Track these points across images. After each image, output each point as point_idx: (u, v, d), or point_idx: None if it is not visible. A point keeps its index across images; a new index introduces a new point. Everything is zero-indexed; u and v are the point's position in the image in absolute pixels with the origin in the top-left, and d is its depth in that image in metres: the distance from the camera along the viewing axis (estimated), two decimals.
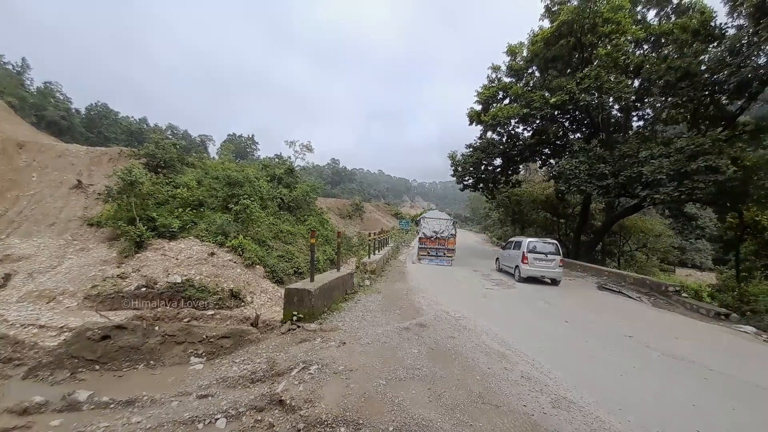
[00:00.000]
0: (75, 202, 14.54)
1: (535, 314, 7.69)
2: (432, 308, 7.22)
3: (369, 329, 5.46)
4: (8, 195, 14.22)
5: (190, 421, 3.03)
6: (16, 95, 33.69)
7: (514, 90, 19.82)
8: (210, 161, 21.67)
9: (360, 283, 9.28)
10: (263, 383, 3.66)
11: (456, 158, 23.62)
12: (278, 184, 21.50)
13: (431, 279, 11.41)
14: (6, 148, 16.49)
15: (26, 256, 11.33)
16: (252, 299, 11.05)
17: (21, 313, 8.69)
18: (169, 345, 4.09)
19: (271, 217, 18.08)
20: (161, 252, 11.85)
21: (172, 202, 14.49)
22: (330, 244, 20.25)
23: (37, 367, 4.15)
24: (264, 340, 5.06)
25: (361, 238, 29.95)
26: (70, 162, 16.84)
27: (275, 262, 14.29)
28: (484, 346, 5.07)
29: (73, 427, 3.02)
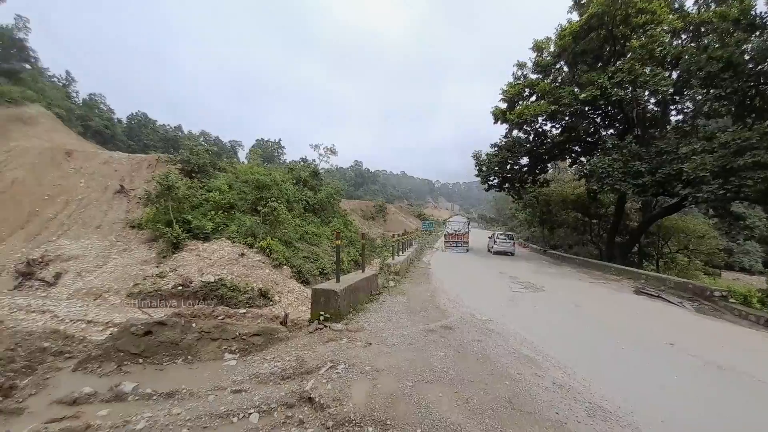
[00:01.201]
0: (118, 205, 15.57)
1: (567, 318, 7.41)
2: (457, 310, 7.14)
3: (394, 330, 5.48)
4: (58, 200, 15.45)
5: (225, 414, 3.16)
6: (64, 107, 36.58)
7: (542, 86, 19.22)
8: (240, 166, 22.54)
9: (384, 285, 9.32)
10: (293, 380, 3.76)
11: (480, 158, 23.21)
12: (303, 186, 22.01)
13: (456, 281, 11.27)
14: (55, 157, 17.93)
15: (75, 256, 12.25)
16: (280, 299, 11.38)
17: (71, 309, 9.40)
18: (205, 341, 4.29)
19: (297, 219, 18.53)
20: (196, 253, 12.45)
21: (205, 205, 15.20)
22: (354, 245, 20.46)
23: (86, 360, 4.47)
24: (293, 338, 5.20)
25: (385, 239, 30.03)
26: (113, 168, 18.05)
27: (301, 262, 14.63)
28: (512, 351, 4.95)
29: (119, 416, 3.21)
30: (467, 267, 15.58)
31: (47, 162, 17.46)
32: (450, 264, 16.51)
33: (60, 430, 2.86)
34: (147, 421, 3.08)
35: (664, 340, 6.23)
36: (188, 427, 2.97)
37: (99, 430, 2.94)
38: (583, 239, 25.36)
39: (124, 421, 3.06)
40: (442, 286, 10.10)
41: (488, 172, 22.77)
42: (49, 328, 7.23)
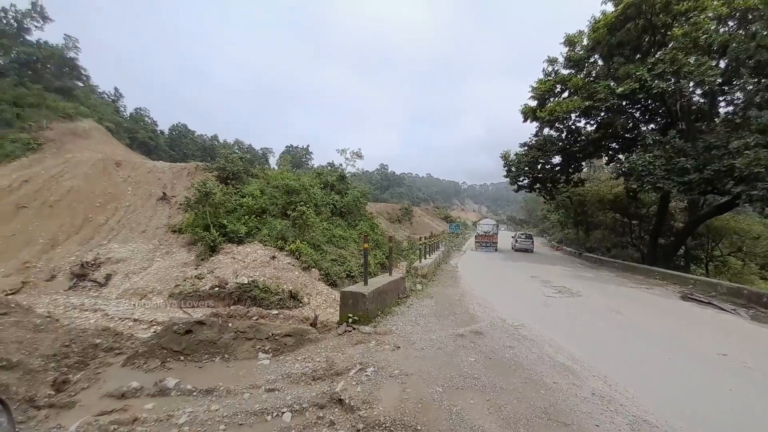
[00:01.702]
0: (161, 211, 16.62)
1: (607, 326, 7.01)
2: (487, 315, 6.96)
3: (423, 334, 5.44)
4: (109, 207, 16.73)
5: (260, 412, 3.26)
6: (113, 120, 39.67)
7: (574, 82, 18.44)
8: (271, 172, 23.36)
9: (412, 288, 9.28)
10: (323, 381, 3.82)
11: (509, 158, 22.59)
12: (331, 190, 22.41)
13: (485, 284, 11.01)
14: (106, 167, 19.45)
15: (123, 258, 13.20)
16: (309, 300, 11.62)
17: (119, 308, 10.12)
18: (241, 341, 4.47)
19: (324, 222, 18.89)
20: (231, 255, 13.02)
21: (239, 210, 15.88)
22: (380, 248, 20.53)
23: (133, 356, 4.79)
24: (322, 340, 5.30)
25: (411, 242, 29.87)
26: (157, 177, 19.32)
27: (329, 265, 14.88)
28: (547, 359, 4.75)
29: (163, 410, 3.38)
30: (497, 271, 15.18)
31: (99, 172, 19.00)
32: (478, 267, 16.16)
33: (109, 422, 3.03)
34: (188, 416, 3.22)
35: (715, 350, 5.73)
36: (226, 423, 3.09)
37: (145, 423, 3.11)
38: (622, 241, 23.91)
39: (168, 415, 3.23)
40: (471, 290, 9.90)
41: (518, 172, 22.11)
42: (100, 326, 7.82)
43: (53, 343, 5.43)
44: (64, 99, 35.34)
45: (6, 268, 12.56)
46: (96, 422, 3.04)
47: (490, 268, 16.07)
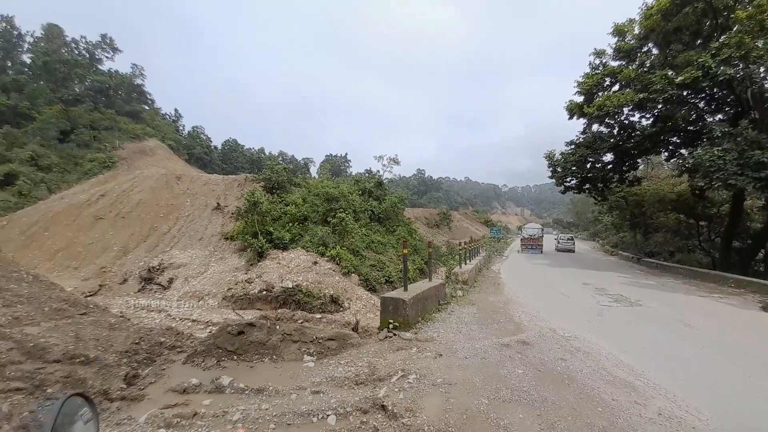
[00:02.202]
0: (215, 220, 17.96)
1: (673, 338, 6.33)
2: (535, 324, 6.61)
3: (465, 343, 5.29)
4: (170, 217, 18.39)
5: (306, 413, 3.36)
6: (174, 139, 43.80)
7: (626, 74, 17.11)
8: (312, 180, 24.30)
9: (452, 294, 9.09)
10: (366, 386, 3.86)
11: (554, 158, 21.41)
12: (369, 197, 22.74)
13: (531, 292, 10.47)
14: (169, 181, 21.43)
15: (183, 264, 14.41)
16: (349, 305, 11.83)
17: (180, 309, 11.03)
18: (288, 343, 4.67)
19: (363, 228, 19.18)
20: (276, 261, 13.69)
21: (283, 217, 16.68)
22: (419, 253, 20.38)
23: (193, 355, 5.18)
24: (364, 345, 5.36)
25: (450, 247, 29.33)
26: (211, 189, 20.93)
27: (368, 271, 15.06)
28: (605, 373, 4.39)
29: (219, 407, 3.60)
30: (543, 277, 14.37)
31: (162, 185, 21.01)
32: (523, 273, 15.43)
33: (173, 416, 3.28)
34: (241, 414, 3.40)
35: None
36: (275, 422, 3.22)
37: (203, 418, 3.33)
38: (688, 245, 21.50)
39: (223, 412, 3.44)
40: (516, 297, 9.47)
41: (564, 172, 20.85)
42: (164, 326, 8.58)
43: (125, 341, 6.05)
44: (133, 121, 39.72)
45: (86, 272, 14.27)
46: (161, 415, 3.30)
47: (537, 274, 15.25)
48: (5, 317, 5.72)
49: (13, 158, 26.72)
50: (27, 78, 36.48)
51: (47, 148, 29.43)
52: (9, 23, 39.73)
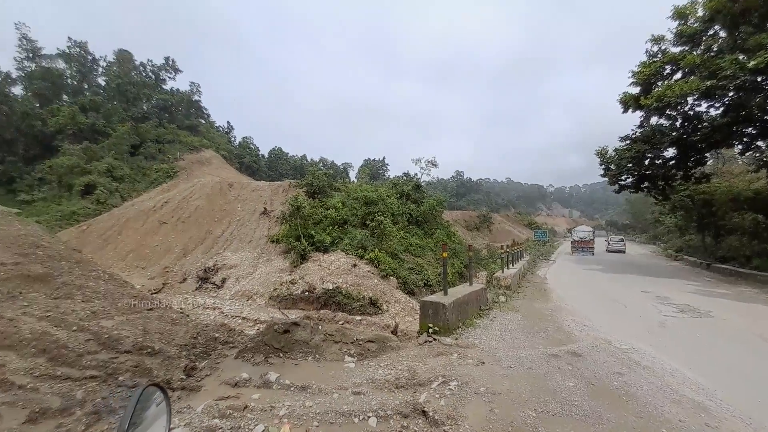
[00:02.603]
0: (263, 224, 19.02)
1: (749, 355, 5.57)
2: (587, 334, 6.16)
3: (510, 351, 5.08)
4: (224, 221, 19.79)
5: (348, 413, 3.42)
6: (226, 149, 47.22)
7: (689, 60, 15.46)
8: (351, 185, 24.84)
9: (494, 300, 8.77)
10: (406, 390, 3.85)
11: (606, 154, 19.91)
12: (407, 200, 22.74)
13: (582, 299, 9.78)
14: (222, 188, 23.09)
15: (234, 265, 15.41)
16: (387, 308, 11.88)
17: (231, 307, 11.78)
18: (329, 343, 4.81)
19: (401, 231, 19.20)
20: (318, 263, 14.16)
21: (324, 221, 17.23)
22: (458, 256, 19.94)
23: (243, 351, 5.51)
24: (403, 348, 5.35)
25: (491, 251, 28.39)
26: (259, 195, 22.22)
27: (406, 274, 15.03)
28: (669, 391, 3.98)
29: (267, 401, 3.80)
30: (596, 283, 13.36)
31: (217, 192, 22.71)
32: (573, 279, 14.47)
33: (226, 407, 3.50)
34: (287, 409, 3.56)
35: None
36: (318, 420, 3.32)
37: (253, 411, 3.52)
38: None
39: (270, 406, 3.61)
40: (565, 304, 8.91)
41: (618, 170, 19.29)
42: (218, 322, 9.23)
43: (185, 335, 6.59)
44: (191, 134, 43.42)
45: (152, 271, 15.79)
46: (216, 406, 3.55)
47: (588, 280, 14.20)
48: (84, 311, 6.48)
49: (92, 170, 30.48)
50: (103, 99, 41.48)
51: (120, 160, 33.20)
52: (83, 48, 45.32)
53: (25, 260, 7.04)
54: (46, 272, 6.95)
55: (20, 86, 40.02)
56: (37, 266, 7.05)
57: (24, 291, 6.30)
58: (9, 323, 5.08)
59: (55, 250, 8.24)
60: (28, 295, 6.25)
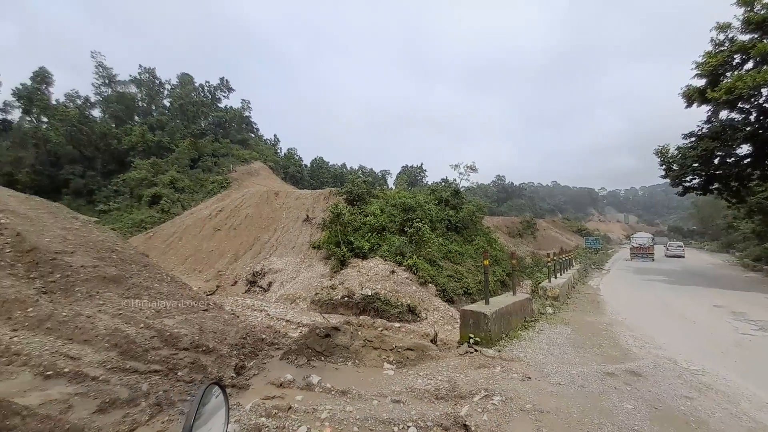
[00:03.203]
0: (305, 231, 19.80)
1: None
2: (648, 352, 5.61)
3: (558, 367, 4.77)
4: (270, 228, 20.89)
5: (387, 421, 3.42)
6: (273, 160, 50.09)
7: (760, 48, 13.75)
8: (389, 192, 25.04)
9: (540, 311, 8.31)
10: (446, 402, 3.77)
11: (667, 154, 18.20)
12: (445, 206, 22.43)
13: (642, 312, 8.93)
14: (269, 197, 24.44)
15: (279, 269, 16.17)
16: (426, 316, 11.72)
17: (276, 310, 12.34)
18: (369, 349, 4.86)
19: (440, 238, 18.94)
20: (357, 269, 14.40)
21: (363, 227, 17.52)
22: (500, 264, 19.21)
23: (288, 352, 5.74)
24: (443, 358, 5.25)
25: (536, 258, 26.99)
26: (302, 203, 23.21)
27: (445, 281, 14.76)
28: (747, 419, 3.49)
29: (309, 403, 3.90)
30: (658, 296, 12.09)
31: (264, 201, 24.09)
32: (631, 290, 13.26)
33: (272, 407, 3.64)
34: (328, 413, 3.62)
35: None
36: (358, 426, 3.34)
37: (296, 412, 3.64)
38: None
39: (313, 408, 3.71)
40: (621, 318, 8.19)
41: (682, 170, 17.49)
42: (265, 324, 9.72)
43: (235, 335, 7.01)
44: (242, 148, 46.70)
45: (207, 275, 17.06)
46: (263, 405, 3.71)
47: (648, 292, 12.91)
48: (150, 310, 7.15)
49: (158, 182, 33.97)
50: (167, 118, 46.17)
51: (182, 173, 36.64)
52: (151, 74, 50.92)
53: (101, 263, 7.97)
54: (119, 274, 7.80)
55: (98, 109, 45.74)
56: (111, 269, 7.94)
57: (100, 291, 7.12)
58: (87, 320, 5.76)
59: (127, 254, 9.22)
60: (104, 295, 7.05)
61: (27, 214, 9.01)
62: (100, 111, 45.53)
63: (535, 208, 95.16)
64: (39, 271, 6.90)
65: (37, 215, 9.20)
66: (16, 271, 6.75)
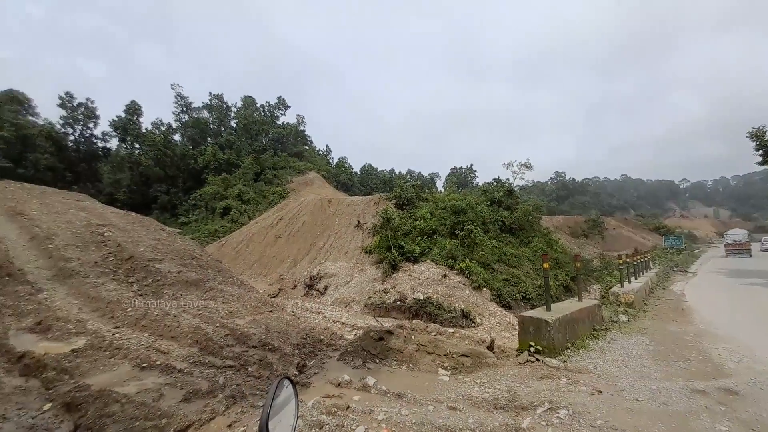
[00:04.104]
0: (357, 236, 20.40)
1: None
2: (746, 367, 4.80)
3: (635, 381, 4.30)
4: (324, 234, 21.88)
5: (444, 428, 3.37)
6: (326, 170, 52.71)
7: None
8: (438, 195, 24.74)
9: (612, 319, 7.56)
10: (506, 412, 3.62)
11: (764, 136, 15.49)
12: (498, 207, 21.53)
13: (738, 321, 7.65)
14: (323, 205, 25.66)
15: (334, 274, 16.84)
16: (481, 321, 11.32)
17: (332, 312, 12.84)
18: (422, 353, 4.86)
19: (493, 240, 18.20)
20: (408, 273, 14.44)
21: (413, 231, 17.53)
22: (562, 267, 17.85)
23: (344, 354, 5.97)
24: (501, 366, 5.04)
25: (605, 260, 24.59)
26: (353, 209, 23.97)
27: (501, 285, 14.13)
28: None
29: (366, 404, 4.01)
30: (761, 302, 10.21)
31: (318, 209, 25.36)
32: (723, 296, 11.40)
33: (332, 405, 3.80)
34: (384, 414, 3.68)
35: None
36: (414, 430, 3.35)
37: (354, 412, 3.76)
38: None
39: (369, 409, 3.80)
40: (712, 327, 7.11)
41: None
42: (322, 326, 10.20)
43: (297, 335, 7.47)
44: (298, 160, 49.90)
45: (270, 278, 18.38)
46: (323, 403, 3.90)
47: (746, 297, 10.95)
48: (224, 311, 7.91)
49: (228, 196, 37.75)
50: (234, 137, 51.14)
51: (247, 186, 40.46)
52: (219, 99, 56.91)
53: (184, 269, 9.05)
54: (199, 278, 8.79)
55: (178, 134, 52.09)
56: (192, 273, 8.98)
57: (183, 293, 8.09)
58: (173, 319, 6.59)
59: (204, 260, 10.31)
60: (186, 297, 7.99)
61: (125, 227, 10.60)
62: (180, 135, 51.89)
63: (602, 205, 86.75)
64: (135, 276, 8.07)
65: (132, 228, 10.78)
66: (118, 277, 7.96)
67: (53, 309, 6.26)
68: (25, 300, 6.34)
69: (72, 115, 46.08)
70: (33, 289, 6.73)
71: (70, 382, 4.24)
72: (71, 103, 45.97)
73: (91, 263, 8.01)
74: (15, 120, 37.41)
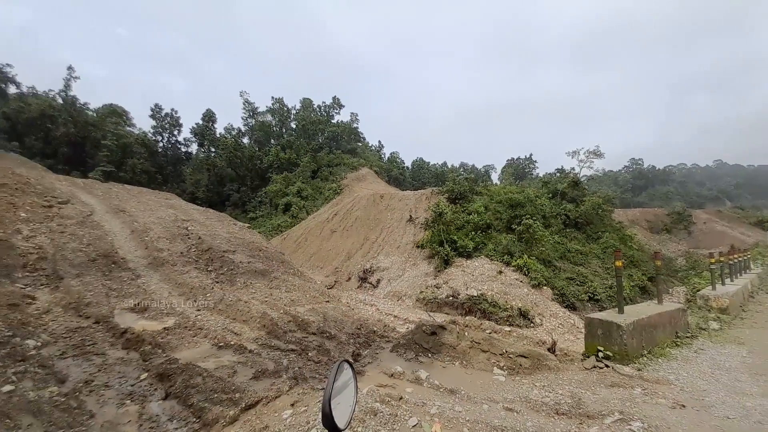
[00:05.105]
0: (409, 230, 20.48)
1: None
2: None
3: (727, 396, 3.75)
4: (377, 228, 22.32)
5: (499, 428, 3.28)
6: (378, 165, 53.64)
7: None
8: (493, 188, 23.71)
9: (700, 326, 6.63)
10: (569, 419, 3.41)
11: None
12: (561, 199, 19.96)
13: None
14: (375, 200, 26.16)
15: (386, 268, 17.14)
16: (541, 321, 10.69)
17: (385, 305, 13.10)
18: (476, 351, 4.76)
19: (555, 235, 16.97)
20: (461, 269, 14.14)
21: (466, 226, 17.06)
22: (638, 266, 16.03)
23: (397, 346, 6.08)
24: (563, 370, 4.73)
25: (692, 259, 21.52)
26: (405, 203, 24.09)
27: (564, 284, 13.15)
28: None
29: (419, 396, 4.04)
30: None
31: (371, 204, 25.94)
32: None
33: (385, 394, 3.90)
34: (437, 409, 3.70)
35: None
36: (468, 428, 3.31)
37: (407, 403, 3.82)
38: None
39: (422, 402, 3.84)
40: None
41: None
42: (375, 318, 10.49)
43: (351, 325, 7.79)
44: (352, 156, 51.48)
45: (326, 271, 19.32)
46: (377, 391, 4.03)
47: None
48: (287, 299, 8.54)
49: (289, 192, 40.44)
50: (294, 138, 54.45)
51: (305, 183, 43.13)
52: (281, 103, 60.83)
53: (253, 260, 9.95)
54: (265, 268, 9.60)
55: (247, 137, 56.89)
56: (260, 264, 9.83)
57: (252, 281, 8.91)
58: (244, 304, 7.30)
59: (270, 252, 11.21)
60: (255, 285, 8.80)
61: (205, 222, 11.94)
62: (248, 138, 56.69)
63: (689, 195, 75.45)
64: (213, 266, 9.09)
65: (210, 223, 12.10)
66: (199, 266, 9.02)
67: (149, 292, 7.34)
68: (128, 284, 7.53)
69: (161, 124, 53.18)
70: (133, 275, 7.95)
71: (162, 355, 4.95)
72: (159, 113, 52.95)
73: (178, 253, 9.20)
74: (116, 131, 44.11)
